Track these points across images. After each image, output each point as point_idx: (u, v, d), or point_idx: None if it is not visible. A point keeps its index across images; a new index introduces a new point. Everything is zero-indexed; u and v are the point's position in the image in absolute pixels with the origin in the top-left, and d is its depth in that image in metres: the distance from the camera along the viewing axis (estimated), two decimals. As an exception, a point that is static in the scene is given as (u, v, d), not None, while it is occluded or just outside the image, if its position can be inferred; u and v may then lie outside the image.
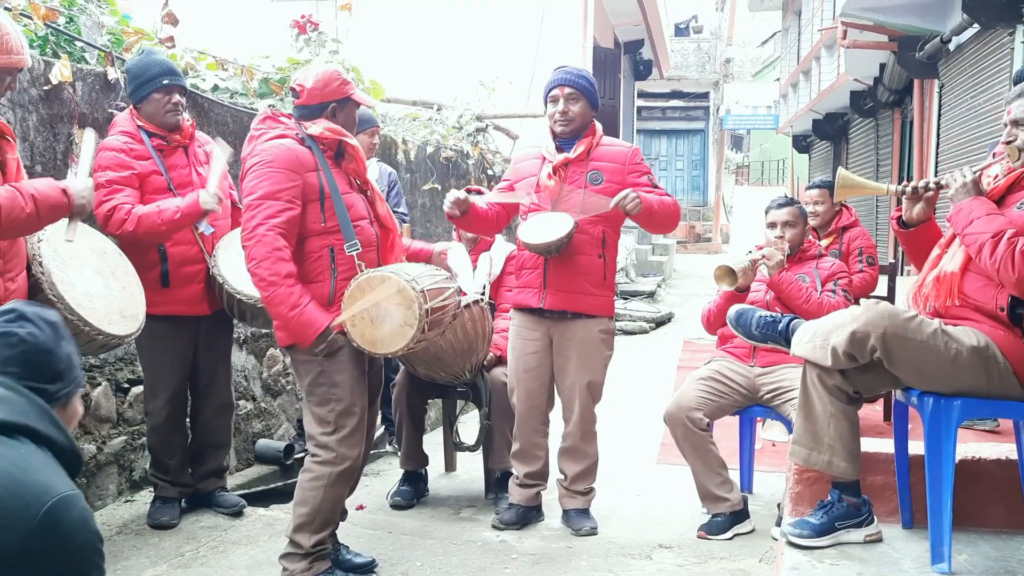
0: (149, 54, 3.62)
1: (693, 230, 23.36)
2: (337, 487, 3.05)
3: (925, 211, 2.86)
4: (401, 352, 2.98)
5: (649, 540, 3.69)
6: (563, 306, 3.67)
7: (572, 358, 3.71)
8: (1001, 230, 2.52)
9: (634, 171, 3.69)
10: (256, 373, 4.77)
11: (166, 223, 3.37)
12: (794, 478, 3.11)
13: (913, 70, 9.62)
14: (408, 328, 2.91)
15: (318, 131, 3.03)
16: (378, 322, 2.92)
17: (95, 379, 3.78)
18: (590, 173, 3.65)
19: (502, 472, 4.17)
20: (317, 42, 5.93)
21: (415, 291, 2.90)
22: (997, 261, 2.50)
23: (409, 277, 2.94)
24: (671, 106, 25.70)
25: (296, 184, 2.95)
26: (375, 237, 3.13)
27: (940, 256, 2.78)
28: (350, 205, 3.06)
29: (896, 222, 2.95)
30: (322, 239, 3.02)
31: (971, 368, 2.57)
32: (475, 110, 8.09)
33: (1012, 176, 2.66)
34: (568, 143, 3.72)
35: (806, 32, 16.37)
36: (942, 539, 2.61)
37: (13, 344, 1.55)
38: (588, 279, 3.65)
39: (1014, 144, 2.65)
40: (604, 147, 3.72)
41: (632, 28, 15.01)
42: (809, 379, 2.73)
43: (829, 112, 15.31)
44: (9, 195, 2.63)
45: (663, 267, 14.93)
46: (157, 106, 3.51)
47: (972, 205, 2.62)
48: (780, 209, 3.98)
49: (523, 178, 3.77)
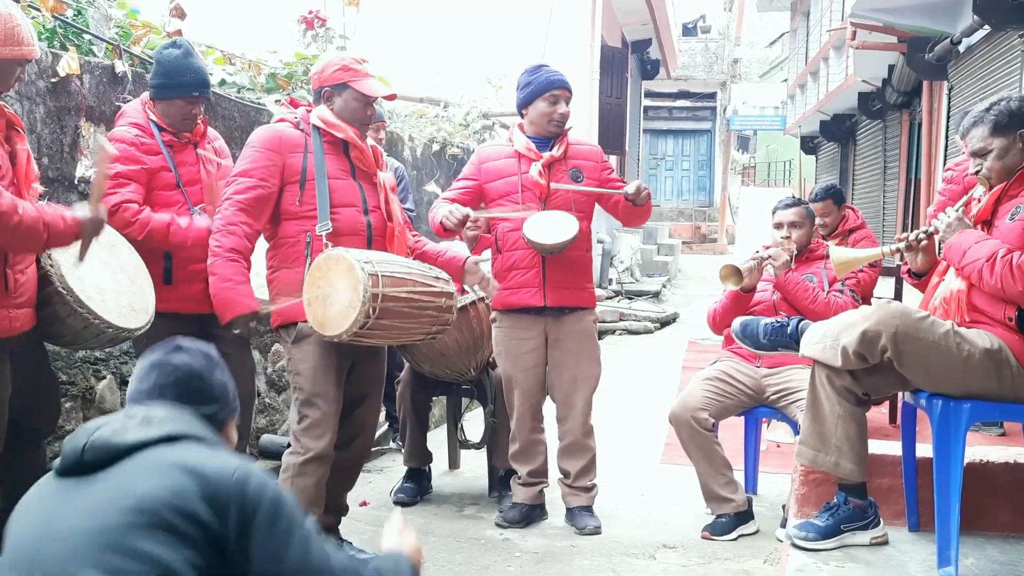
0: (187, 55, 3.44)
1: (698, 230, 23.34)
2: (303, 478, 3.03)
3: (928, 260, 2.90)
4: (346, 336, 2.85)
5: (653, 540, 3.68)
6: (564, 302, 3.73)
7: (572, 350, 3.75)
8: (993, 251, 2.57)
9: (606, 168, 3.89)
10: (260, 369, 4.76)
11: (173, 248, 3.37)
12: (800, 479, 3.10)
13: (922, 72, 9.58)
14: (351, 310, 2.81)
15: (312, 119, 3.12)
16: (329, 303, 2.87)
17: (100, 372, 3.78)
18: (571, 171, 3.78)
19: (506, 470, 4.16)
20: (324, 38, 5.93)
21: (364, 272, 2.81)
22: (997, 280, 2.54)
23: (364, 259, 2.86)
24: (678, 106, 25.67)
25: (273, 164, 3.04)
26: (365, 227, 3.12)
27: (937, 284, 2.82)
28: (336, 190, 3.08)
29: (908, 275, 3.00)
30: (299, 224, 3.06)
31: (982, 370, 2.56)
32: (482, 108, 8.08)
33: (995, 194, 2.71)
34: (543, 142, 3.77)
35: (814, 33, 16.34)
36: (949, 542, 2.59)
37: (168, 372, 1.75)
38: (582, 274, 3.78)
39: (981, 174, 2.72)
40: (576, 146, 3.85)
41: (640, 27, 14.98)
42: (818, 380, 2.72)
43: (837, 113, 15.28)
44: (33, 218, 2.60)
45: (668, 267, 14.92)
46: (177, 111, 3.43)
47: (960, 239, 2.67)
48: (787, 209, 3.97)
49: (500, 177, 3.78)
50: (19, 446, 3.01)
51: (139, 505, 1.52)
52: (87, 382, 3.71)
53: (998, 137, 2.67)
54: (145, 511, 1.51)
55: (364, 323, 2.82)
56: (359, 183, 3.16)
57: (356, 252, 2.92)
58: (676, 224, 22.82)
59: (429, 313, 3.02)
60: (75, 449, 1.60)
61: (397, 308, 2.90)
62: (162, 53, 3.48)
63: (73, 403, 3.62)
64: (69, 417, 3.58)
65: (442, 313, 3.07)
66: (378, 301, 2.81)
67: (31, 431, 3.07)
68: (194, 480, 1.55)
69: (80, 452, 1.59)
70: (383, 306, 2.84)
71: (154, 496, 1.52)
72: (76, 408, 3.64)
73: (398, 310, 2.90)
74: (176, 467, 1.56)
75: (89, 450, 1.59)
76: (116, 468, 1.58)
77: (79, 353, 3.60)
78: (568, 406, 3.78)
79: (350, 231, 3.08)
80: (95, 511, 1.53)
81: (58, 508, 1.57)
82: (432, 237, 3.82)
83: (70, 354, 3.55)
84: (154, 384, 1.74)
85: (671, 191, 26.10)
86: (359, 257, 2.86)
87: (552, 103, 3.72)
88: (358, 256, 2.87)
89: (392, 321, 2.91)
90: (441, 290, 3.06)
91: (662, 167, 25.94)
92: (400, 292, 2.89)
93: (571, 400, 3.76)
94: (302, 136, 3.09)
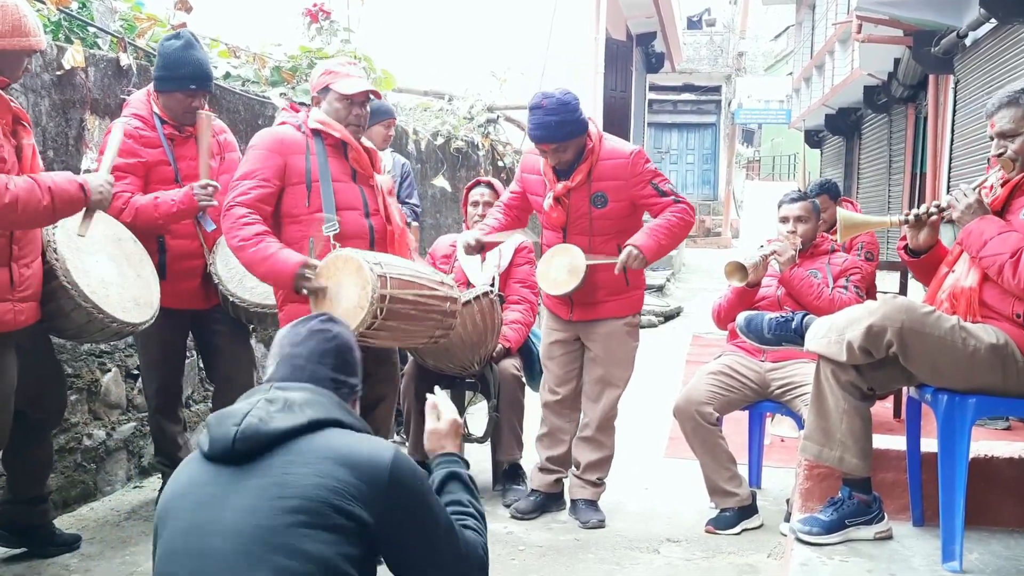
0: (187, 47, 3.42)
1: (703, 224, 23.29)
2: None
3: (931, 236, 2.85)
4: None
5: (657, 534, 3.68)
6: (591, 316, 3.74)
7: (600, 352, 3.77)
8: (1018, 247, 2.52)
9: (638, 183, 3.56)
10: (264, 361, 4.77)
11: (163, 216, 3.34)
12: (804, 474, 3.10)
13: (928, 65, 9.54)
14: (359, 310, 2.82)
15: (311, 122, 3.14)
16: (336, 302, 2.89)
17: (105, 365, 3.79)
18: (593, 196, 3.56)
19: (510, 464, 4.17)
20: (329, 31, 5.92)
21: (373, 274, 2.82)
22: (1021, 280, 2.50)
23: (373, 260, 2.88)
24: (682, 99, 25.60)
25: (276, 164, 3.05)
26: (368, 229, 3.14)
27: (946, 275, 2.78)
28: (338, 192, 3.10)
29: (903, 251, 2.94)
30: (302, 227, 3.07)
31: (988, 365, 2.55)
32: (486, 101, 8.06)
33: (1011, 184, 2.66)
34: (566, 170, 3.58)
35: (820, 26, 16.28)
36: (954, 537, 2.59)
37: (329, 339, 1.83)
38: (610, 291, 3.69)
39: (1005, 156, 2.66)
40: (604, 162, 3.55)
41: (645, 20, 14.93)
42: (823, 375, 2.71)
43: (842, 107, 15.24)
44: (27, 187, 2.62)
45: (672, 261, 14.88)
46: (177, 104, 3.43)
47: (982, 226, 2.61)
48: (792, 204, 3.94)
49: (534, 194, 3.75)
50: (26, 438, 3.03)
51: (301, 505, 1.58)
52: (92, 375, 3.72)
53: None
54: (308, 511, 1.57)
55: (371, 323, 2.83)
56: (360, 187, 3.17)
57: (365, 253, 2.94)
58: (680, 218, 22.73)
59: (434, 316, 3.04)
60: (226, 437, 1.64)
61: (404, 310, 2.92)
62: (163, 44, 3.47)
63: (79, 395, 3.63)
64: (74, 409, 3.59)
65: (446, 317, 3.08)
66: (385, 302, 2.84)
67: (38, 423, 3.08)
68: (351, 473, 1.61)
69: (231, 442, 1.63)
70: (390, 307, 2.86)
71: (316, 495, 1.58)
72: (81, 400, 3.65)
73: (405, 312, 2.92)
74: (331, 459, 1.62)
75: (240, 440, 1.63)
76: (270, 459, 1.63)
77: (84, 346, 3.61)
78: (592, 402, 3.82)
79: (354, 234, 3.09)
80: (258, 509, 1.58)
81: (219, 501, 1.62)
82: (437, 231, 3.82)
83: (75, 347, 3.56)
84: (313, 350, 1.80)
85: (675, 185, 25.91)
86: (368, 258, 2.88)
87: (542, 153, 3.59)
88: (367, 257, 2.89)
89: (398, 323, 2.93)
90: (446, 295, 3.08)
91: (666, 161, 25.89)
92: (407, 294, 2.91)
93: (596, 397, 3.80)
94: (303, 138, 3.11)
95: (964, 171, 8.30)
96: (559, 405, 3.87)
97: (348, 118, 3.14)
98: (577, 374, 3.85)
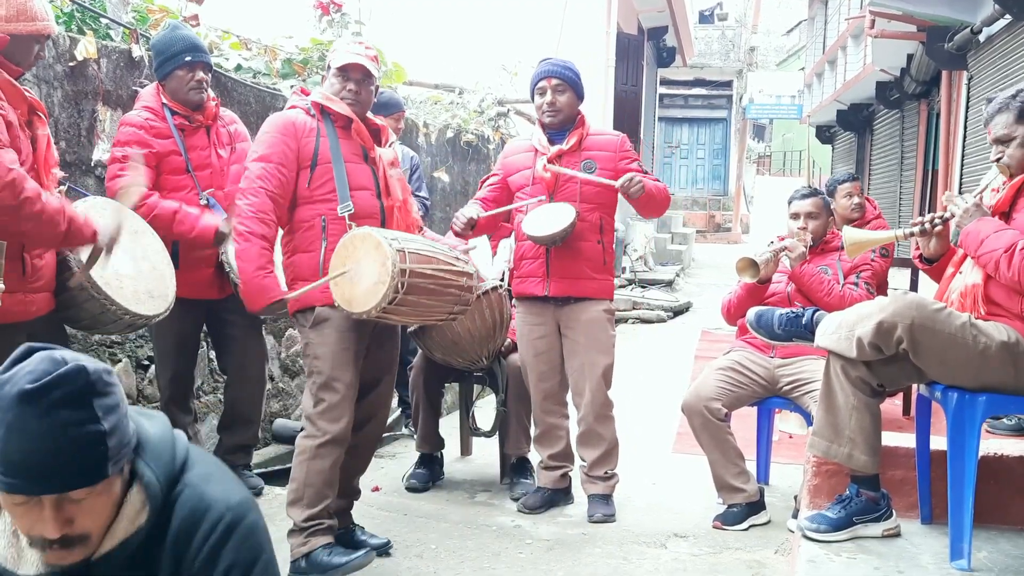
0: (174, 29, 3.58)
1: (713, 219, 23.23)
2: (319, 460, 3.04)
3: (941, 244, 2.87)
4: (375, 312, 2.85)
5: (664, 529, 3.68)
6: (567, 292, 3.74)
7: (579, 340, 3.76)
8: (1012, 242, 2.53)
9: (624, 157, 3.78)
10: (274, 353, 4.78)
11: (176, 236, 3.39)
12: (812, 470, 3.09)
13: (941, 61, 9.47)
14: (380, 286, 2.81)
15: (315, 96, 3.15)
16: (356, 280, 2.88)
17: (116, 355, 3.81)
18: (584, 162, 3.73)
19: (518, 457, 4.18)
20: (340, 23, 5.93)
21: (392, 249, 2.83)
22: (1015, 272, 2.51)
23: (390, 236, 2.89)
24: (693, 94, 25.51)
25: (289, 148, 3.05)
26: (379, 210, 3.14)
27: (953, 275, 2.79)
28: (350, 173, 3.10)
29: (919, 260, 2.95)
30: (313, 208, 3.07)
31: (999, 363, 2.54)
32: (497, 94, 8.06)
33: (1015, 185, 2.67)
34: (559, 135, 3.78)
35: (832, 21, 16.18)
36: (962, 535, 2.58)
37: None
38: (589, 264, 3.73)
39: (1002, 162, 2.68)
40: (594, 136, 3.80)
41: (656, 14, 14.89)
42: (832, 371, 2.71)
43: (854, 103, 15.13)
44: (56, 206, 2.59)
45: (682, 256, 14.87)
46: (180, 83, 3.49)
47: (978, 227, 2.63)
48: (803, 200, 3.93)
49: (517, 171, 3.83)
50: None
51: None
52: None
53: (1023, 125, 2.63)
54: None
55: (393, 298, 2.83)
56: (371, 167, 3.17)
57: (381, 230, 2.95)
58: (690, 213, 22.72)
59: (452, 292, 3.04)
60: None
61: (424, 284, 2.92)
62: (152, 39, 3.62)
63: (89, 386, 3.64)
64: (85, 400, 3.61)
65: (463, 292, 3.09)
66: (406, 276, 2.84)
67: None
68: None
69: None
70: (411, 282, 2.86)
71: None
72: (92, 391, 3.67)
73: (424, 287, 2.92)
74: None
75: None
76: None
77: (95, 336, 3.62)
78: (579, 394, 3.80)
79: (366, 214, 3.09)
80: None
81: None
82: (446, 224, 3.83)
83: (86, 337, 3.58)
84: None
85: (686, 179, 25.99)
86: (385, 235, 2.89)
87: (540, 95, 3.76)
88: (384, 234, 2.90)
89: (419, 297, 2.93)
90: (462, 269, 3.09)
91: (677, 155, 25.83)
92: (426, 268, 2.91)
93: (580, 388, 3.78)
94: (314, 121, 3.11)
95: (977, 168, 8.25)
96: (547, 402, 3.87)
97: (342, 92, 3.12)
98: (560, 367, 3.85)
